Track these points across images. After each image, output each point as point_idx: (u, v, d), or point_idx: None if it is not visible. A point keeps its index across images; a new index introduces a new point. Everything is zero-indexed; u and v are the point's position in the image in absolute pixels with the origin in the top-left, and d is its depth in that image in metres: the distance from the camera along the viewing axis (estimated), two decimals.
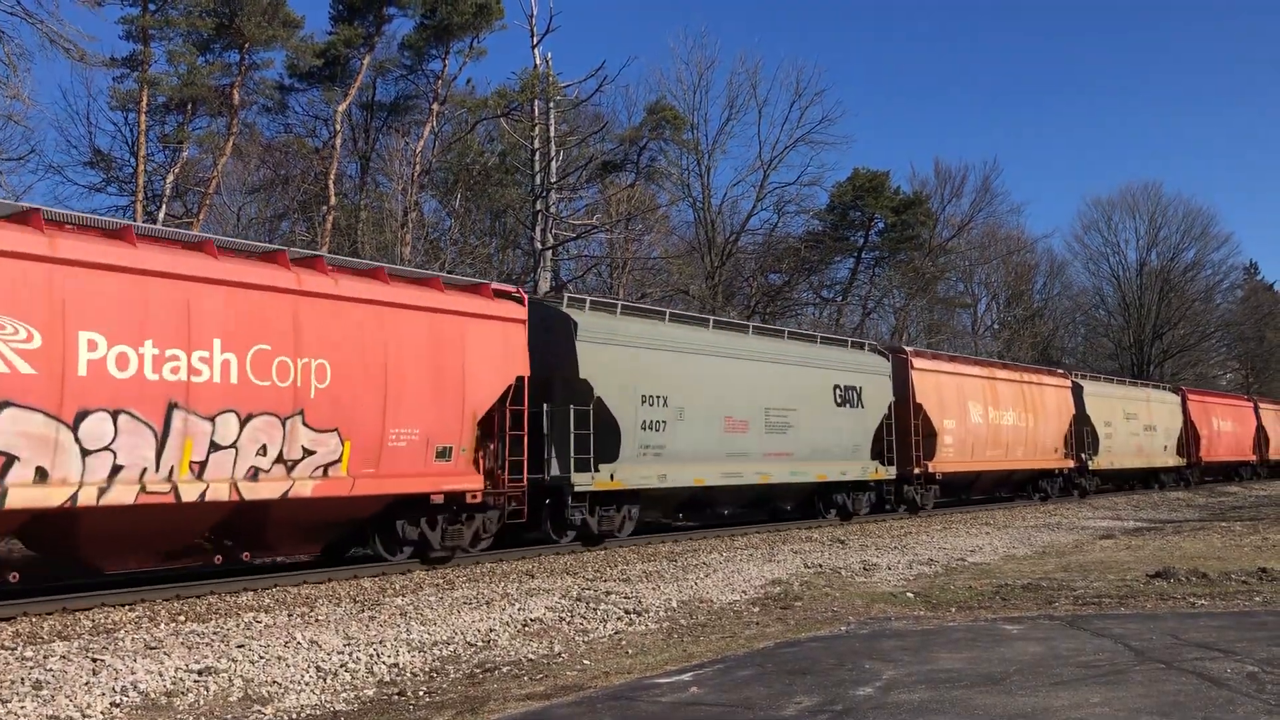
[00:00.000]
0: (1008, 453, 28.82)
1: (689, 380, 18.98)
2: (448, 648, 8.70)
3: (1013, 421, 29.03)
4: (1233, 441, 45.14)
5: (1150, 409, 38.06)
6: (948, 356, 29.32)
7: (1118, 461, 35.05)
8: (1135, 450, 36.51)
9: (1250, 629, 8.56)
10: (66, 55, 23.47)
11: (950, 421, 26.35)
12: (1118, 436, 35.15)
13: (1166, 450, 38.85)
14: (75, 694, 6.96)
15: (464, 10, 34.41)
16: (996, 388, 28.53)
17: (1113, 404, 35.26)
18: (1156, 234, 69.63)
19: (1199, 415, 41.42)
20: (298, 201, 35.23)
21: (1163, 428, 38.64)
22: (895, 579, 12.92)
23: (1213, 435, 42.52)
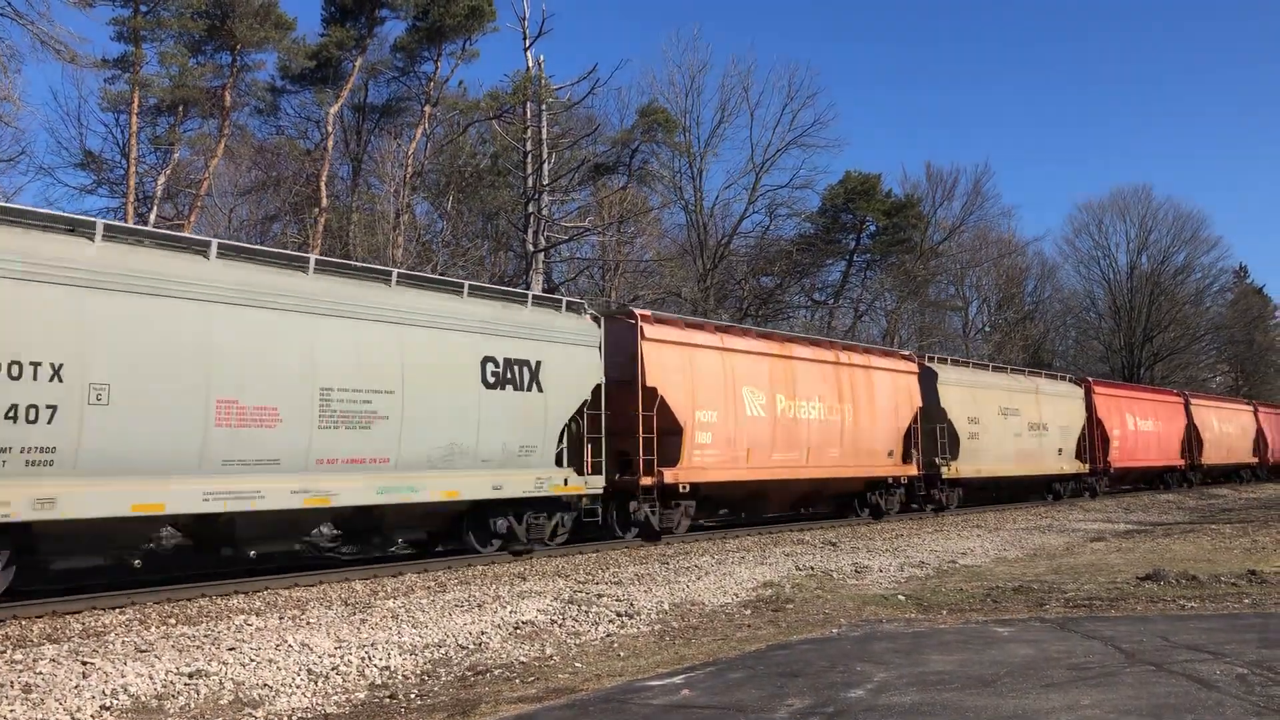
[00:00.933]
0: (810, 456, 22.09)
1: None
2: (439, 650, 8.68)
3: (820, 415, 22.44)
4: (1154, 443, 38.72)
5: (1040, 403, 31.38)
6: (715, 325, 21.73)
7: (989, 467, 28.05)
8: (1016, 454, 29.58)
9: (1239, 631, 8.59)
10: (57, 56, 23.48)
11: (709, 413, 19.62)
12: (989, 436, 28.29)
13: (1062, 454, 32.40)
14: (65, 697, 6.94)
15: (456, 12, 34.44)
16: (793, 370, 21.85)
17: (982, 395, 28.64)
18: (1147, 237, 69.98)
19: (1109, 412, 35.34)
20: (289, 203, 35.18)
21: (1058, 427, 31.93)
22: (887, 581, 12.94)
23: (1128, 436, 36.63)
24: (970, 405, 27.92)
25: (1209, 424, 42.89)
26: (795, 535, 20.40)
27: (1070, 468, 32.77)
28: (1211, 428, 42.91)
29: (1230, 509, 28.99)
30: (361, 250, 32.54)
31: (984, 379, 29.65)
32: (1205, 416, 42.80)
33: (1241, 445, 45.83)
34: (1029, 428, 30.44)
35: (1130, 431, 36.83)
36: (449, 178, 37.03)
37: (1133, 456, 36.96)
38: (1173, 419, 40.49)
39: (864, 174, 50.30)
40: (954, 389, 27.43)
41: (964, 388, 28.07)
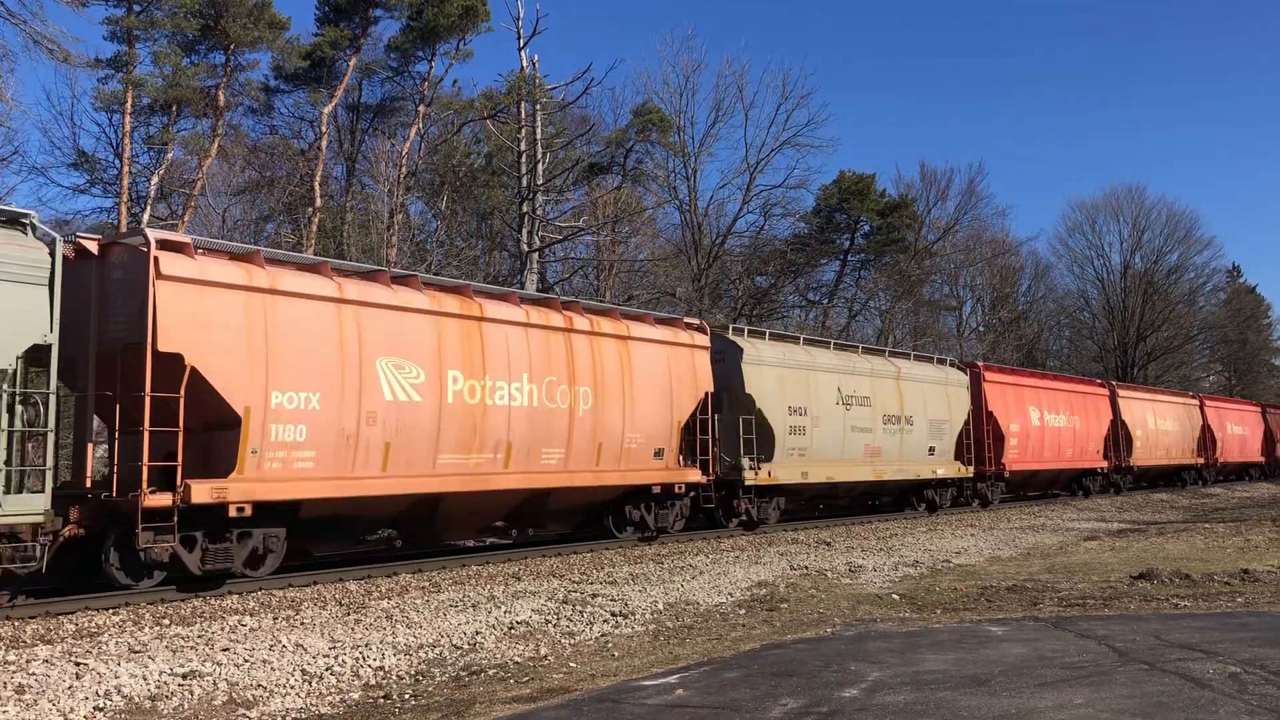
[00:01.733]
0: (511, 459, 15.68)
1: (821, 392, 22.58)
2: (434, 650, 8.68)
3: (532, 402, 16.03)
4: (1067, 442, 32.83)
5: (903, 391, 25.39)
6: (332, 267, 14.40)
7: (820, 471, 22.18)
8: (865, 455, 23.81)
9: (1232, 630, 8.61)
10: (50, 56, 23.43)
11: (301, 397, 13.20)
12: (822, 432, 22.38)
13: (937, 454, 26.36)
14: (58, 698, 6.93)
15: (450, 12, 34.39)
16: (483, 336, 15.48)
17: (813, 379, 22.50)
18: (1140, 237, 70.13)
19: (1004, 404, 29.64)
20: (283, 203, 35.12)
21: (930, 421, 26.15)
22: (881, 581, 12.95)
23: (1030, 433, 30.65)
24: (793, 391, 21.72)
25: (1141, 420, 38.05)
26: (789, 535, 20.42)
27: (947, 471, 26.59)
28: (1145, 424, 38.24)
29: (1224, 508, 29.07)
30: (355, 250, 32.50)
31: (816, 358, 23.08)
32: (1137, 412, 37.90)
33: (1182, 444, 41.39)
34: (885, 421, 24.36)
35: (1034, 427, 30.75)
36: (443, 177, 36.99)
37: (1038, 457, 31.03)
38: (1094, 413, 34.76)
39: (858, 174, 50.35)
40: (769, 370, 21.30)
41: (784, 369, 21.75)
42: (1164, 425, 39.30)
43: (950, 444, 26.97)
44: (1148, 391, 41.12)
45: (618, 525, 18.33)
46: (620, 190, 39.79)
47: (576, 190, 39.22)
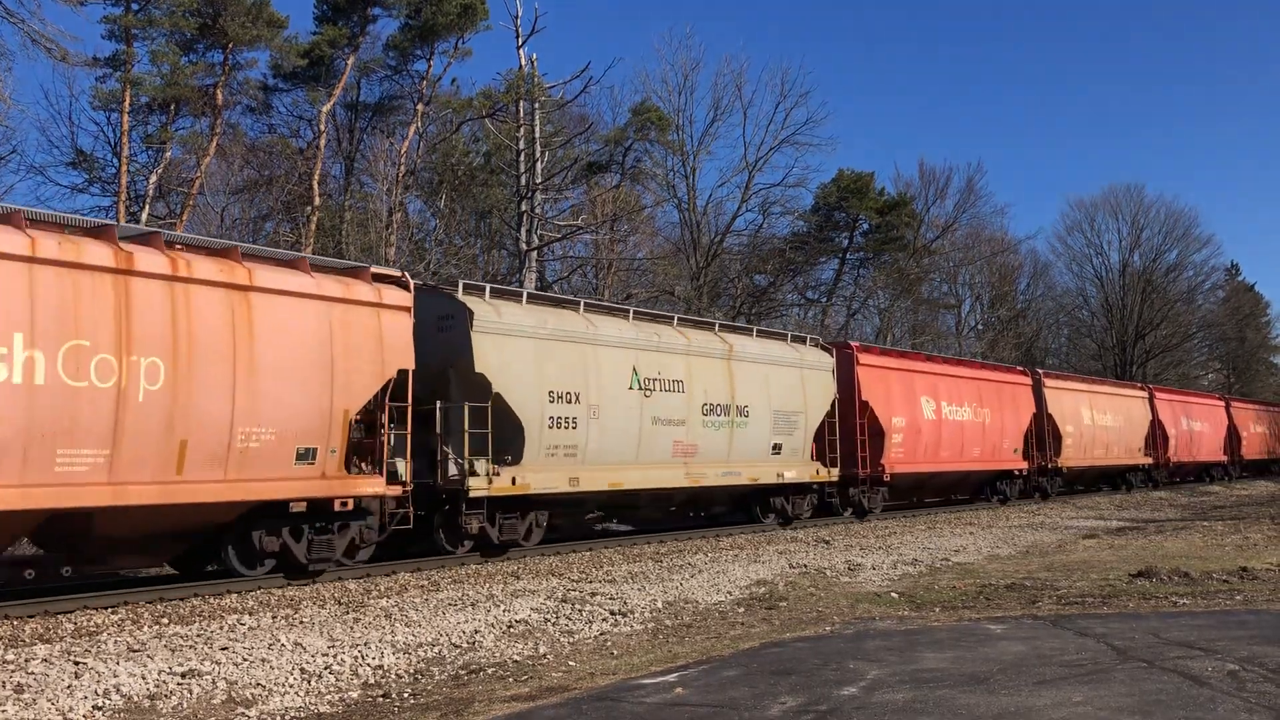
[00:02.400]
0: None
1: None
2: (433, 649, 8.68)
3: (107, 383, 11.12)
4: (974, 439, 27.82)
5: (734, 374, 20.08)
6: None
7: (595, 477, 17.08)
8: (674, 453, 18.65)
9: (1231, 628, 8.62)
10: (48, 55, 23.44)
11: None
12: (607, 425, 17.31)
13: (784, 453, 21.08)
14: (57, 697, 6.93)
15: (449, 11, 34.41)
16: None
17: (592, 356, 17.31)
18: (1139, 235, 70.13)
19: (885, 393, 24.45)
20: (282, 202, 35.12)
21: (776, 412, 20.96)
22: (880, 579, 12.96)
23: (923, 429, 25.62)
24: (558, 371, 16.62)
25: (1074, 414, 33.48)
26: (789, 534, 20.42)
27: (800, 473, 21.50)
28: (1078, 419, 33.69)
29: (1222, 506, 29.10)
30: (354, 249, 32.49)
31: (600, 329, 17.65)
32: (1068, 404, 33.32)
33: (1126, 442, 37.20)
34: (706, 411, 19.20)
35: (927, 421, 25.90)
36: (442, 176, 36.99)
37: (932, 458, 26.05)
38: (1012, 406, 30.07)
39: (857, 172, 50.35)
40: (517, 343, 16.12)
41: (544, 341, 16.53)
42: (1102, 420, 35.22)
43: (804, 441, 21.66)
44: (1084, 382, 37.16)
45: (245, 560, 12.86)
46: (619, 189, 39.80)
47: (575, 189, 39.26)
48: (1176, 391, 46.27)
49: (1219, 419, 46.92)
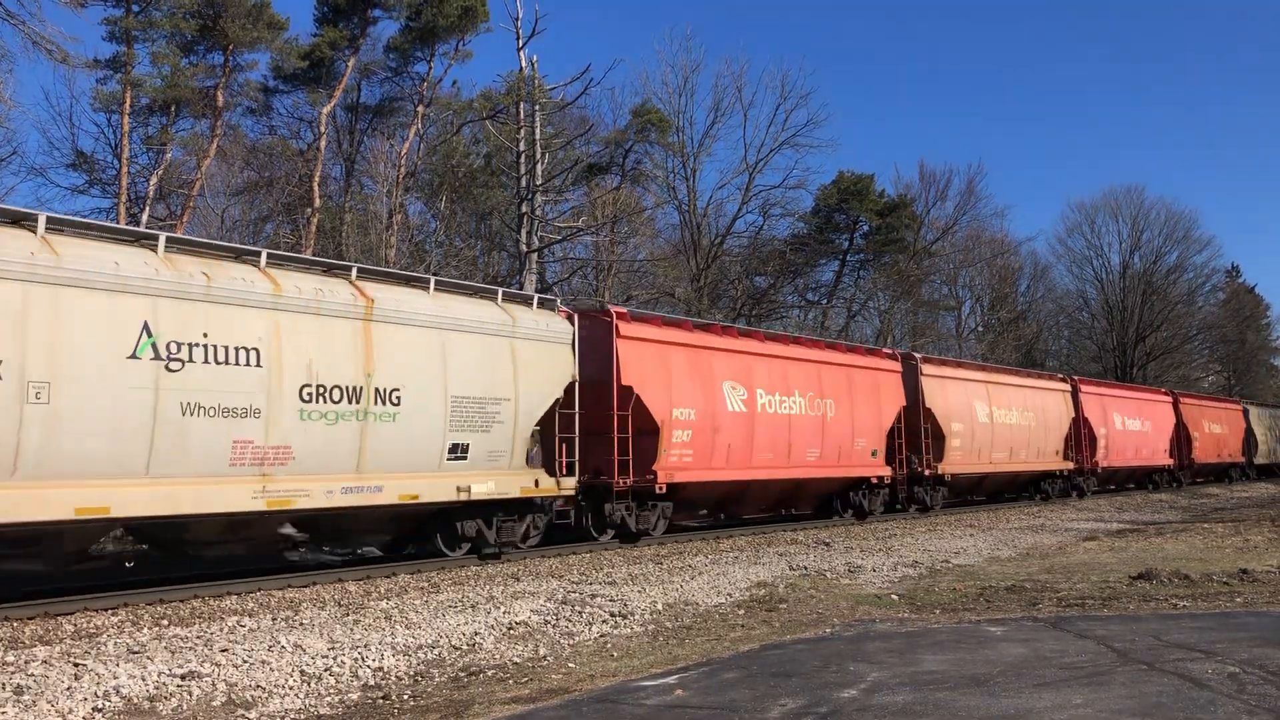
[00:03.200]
0: None
1: None
2: (433, 651, 8.68)
3: None
4: (813, 440, 22.24)
5: (379, 342, 13.82)
6: None
7: (51, 500, 10.60)
8: (233, 459, 12.12)
9: (1231, 630, 8.61)
10: (49, 56, 23.42)
11: None
12: (79, 419, 10.86)
13: (472, 461, 15.00)
14: (57, 699, 6.92)
15: (449, 13, 34.40)
16: None
17: (73, 303, 10.86)
18: (1139, 237, 70.16)
19: (660, 378, 18.56)
20: (282, 204, 35.12)
21: (457, 400, 14.79)
22: (880, 581, 12.95)
23: (716, 423, 19.60)
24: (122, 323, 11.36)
25: (964, 411, 27.60)
26: (789, 535, 20.42)
27: (501, 486, 15.43)
28: (970, 418, 27.82)
29: (1223, 508, 29.09)
30: (354, 250, 32.50)
31: (65, 259, 10.83)
32: (956, 400, 27.40)
33: (1040, 445, 31.48)
34: (308, 397, 12.91)
35: (732, 414, 19.89)
36: (442, 178, 36.98)
37: (725, 462, 19.79)
38: (870, 399, 24.17)
39: (857, 174, 50.36)
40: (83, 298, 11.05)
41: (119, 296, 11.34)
42: (1007, 418, 29.91)
43: (514, 442, 15.63)
44: (981, 371, 30.63)
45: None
46: (619, 190, 39.82)
47: (575, 190, 39.25)
48: (1111, 386, 40.82)
49: (1160, 416, 40.91)
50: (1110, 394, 37.79)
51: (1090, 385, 36.81)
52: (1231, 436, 48.30)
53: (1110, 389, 38.97)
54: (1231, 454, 47.94)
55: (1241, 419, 50.10)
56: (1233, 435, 48.53)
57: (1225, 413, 48.94)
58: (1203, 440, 44.08)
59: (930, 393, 26.51)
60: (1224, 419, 47.98)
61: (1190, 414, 43.50)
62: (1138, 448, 38.17)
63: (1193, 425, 43.20)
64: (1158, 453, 40.03)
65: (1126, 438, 37.38)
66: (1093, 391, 36.03)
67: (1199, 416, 44.68)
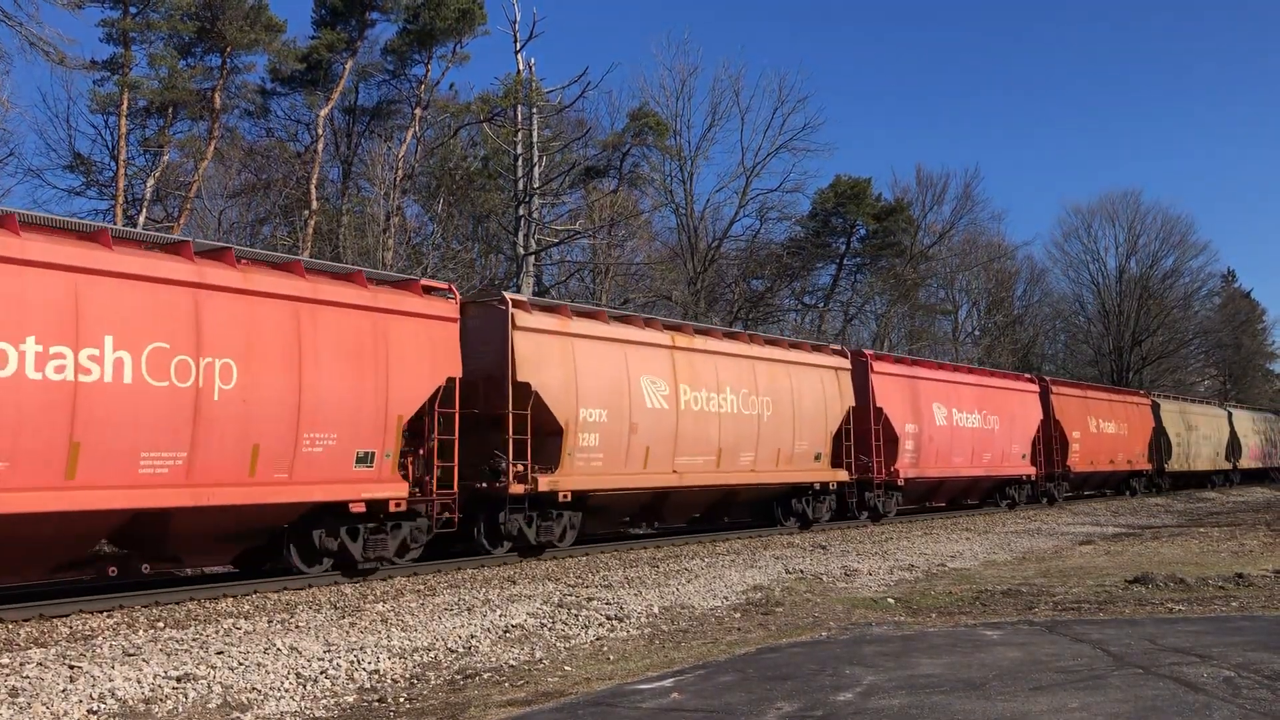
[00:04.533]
0: None
1: None
2: (429, 654, 8.68)
3: None
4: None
5: None
6: None
7: None
8: None
9: (1227, 634, 8.62)
10: (46, 58, 23.43)
11: None
12: None
13: None
14: (52, 701, 6.91)
15: (447, 15, 34.43)
16: None
17: None
18: (1135, 241, 70.17)
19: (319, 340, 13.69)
20: (279, 206, 35.12)
21: None
22: (876, 584, 12.96)
23: None
24: None
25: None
26: (785, 539, 20.41)
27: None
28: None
29: (1218, 512, 29.12)
30: (351, 252, 32.48)
31: None
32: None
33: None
34: None
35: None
36: (439, 180, 36.99)
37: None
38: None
39: (854, 178, 50.40)
40: None
41: None
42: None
43: None
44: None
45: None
46: (616, 193, 39.82)
47: (573, 193, 39.24)
48: (942, 368, 29.64)
49: (1022, 413, 30.97)
50: (925, 376, 26.85)
51: (888, 364, 25.80)
52: (1133, 438, 38.50)
53: (931, 370, 27.67)
54: (1132, 460, 38.23)
55: (1150, 416, 40.76)
56: (1134, 437, 38.72)
57: (1126, 408, 38.82)
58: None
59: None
60: (1122, 416, 37.98)
61: (1068, 408, 33.78)
62: (975, 450, 28.19)
63: (1070, 424, 33.74)
64: (1008, 458, 29.82)
65: (957, 436, 27.36)
66: (889, 371, 25.33)
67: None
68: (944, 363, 31.30)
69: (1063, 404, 33.05)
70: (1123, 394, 40.60)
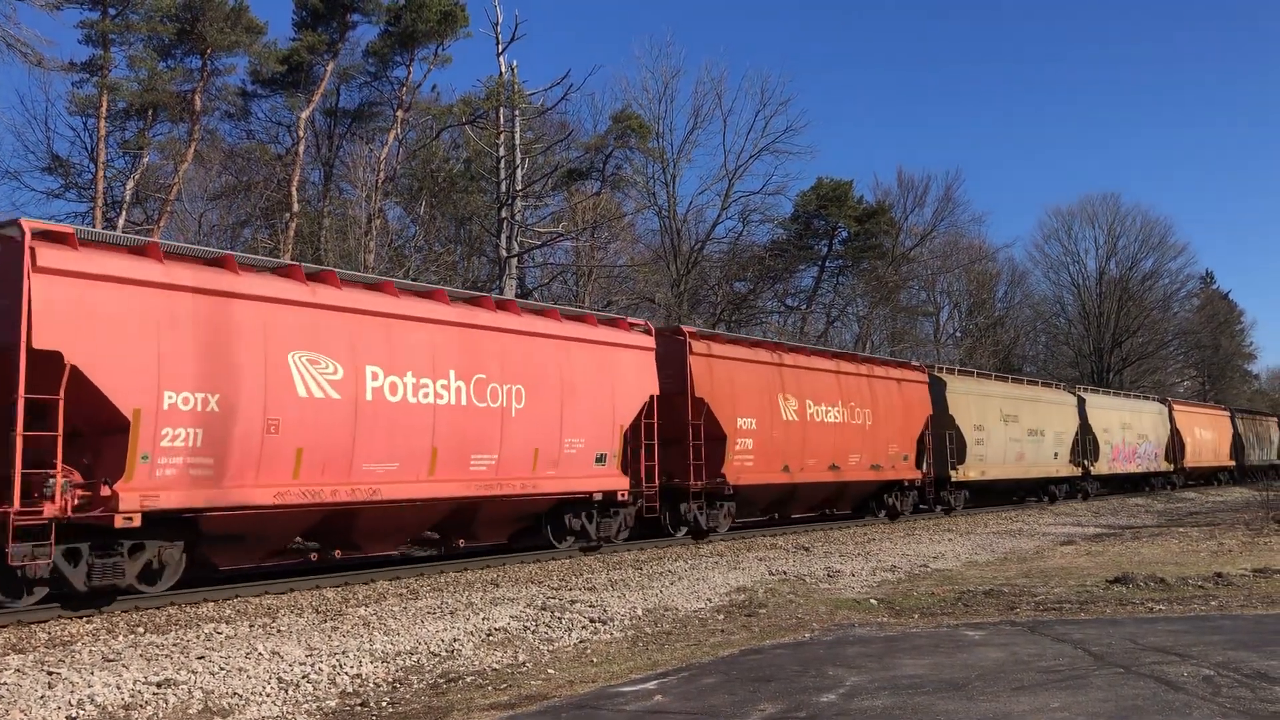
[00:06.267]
0: None
1: None
2: (411, 658, 8.64)
3: None
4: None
5: None
6: None
7: None
8: None
9: (1206, 633, 8.68)
10: (24, 59, 23.24)
11: None
12: None
13: None
14: (30, 708, 6.85)
15: (428, 18, 34.35)
16: None
17: None
18: (1115, 243, 70.69)
19: None
20: (260, 208, 34.96)
21: None
22: (859, 586, 12.99)
23: None
24: None
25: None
26: (769, 540, 20.43)
27: None
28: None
29: (1198, 512, 29.32)
30: (333, 255, 32.35)
31: None
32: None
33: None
34: None
35: None
36: (421, 183, 36.89)
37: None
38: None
39: (836, 180, 50.54)
40: None
41: None
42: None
43: None
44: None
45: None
46: (599, 196, 39.81)
47: (555, 196, 39.23)
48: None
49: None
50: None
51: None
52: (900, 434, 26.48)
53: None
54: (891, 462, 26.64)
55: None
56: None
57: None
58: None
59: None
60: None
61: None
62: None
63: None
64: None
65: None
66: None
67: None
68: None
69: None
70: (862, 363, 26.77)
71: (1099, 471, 36.56)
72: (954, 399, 27.71)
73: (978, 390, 29.85)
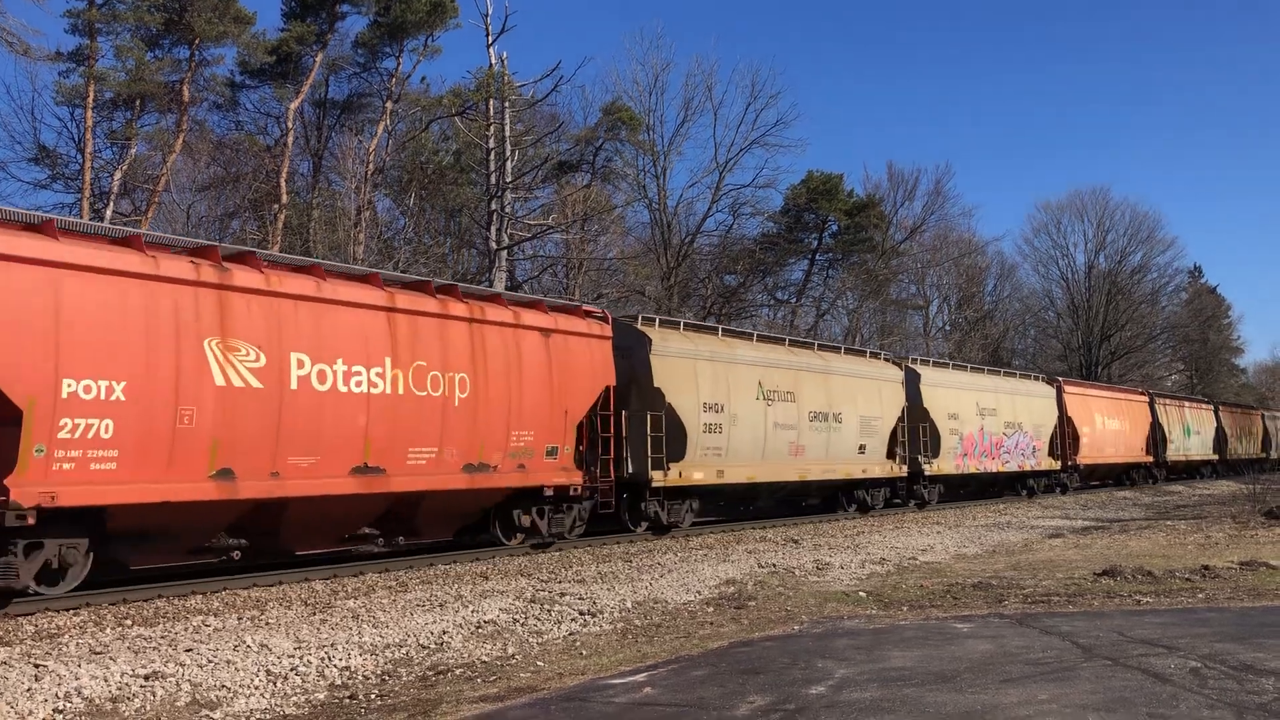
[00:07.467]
0: None
1: None
2: (400, 650, 8.63)
3: None
4: None
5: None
6: None
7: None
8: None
9: (1193, 625, 8.72)
10: (10, 49, 23.15)
11: None
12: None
13: None
14: (16, 700, 6.82)
15: (418, 8, 34.24)
16: None
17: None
18: (1104, 237, 70.93)
19: None
20: (249, 200, 34.83)
21: None
22: (848, 578, 13.01)
23: None
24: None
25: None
26: (758, 533, 20.45)
27: None
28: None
29: (1186, 505, 29.45)
30: (321, 247, 32.26)
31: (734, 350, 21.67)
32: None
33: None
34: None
35: None
36: (411, 174, 36.81)
37: None
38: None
39: (826, 174, 50.58)
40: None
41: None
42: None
43: None
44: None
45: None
46: (589, 188, 39.76)
47: (545, 188, 39.22)
48: None
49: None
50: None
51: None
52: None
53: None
54: None
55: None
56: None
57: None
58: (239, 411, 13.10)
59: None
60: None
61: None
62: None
63: None
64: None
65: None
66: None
67: None
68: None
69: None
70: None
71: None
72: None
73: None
